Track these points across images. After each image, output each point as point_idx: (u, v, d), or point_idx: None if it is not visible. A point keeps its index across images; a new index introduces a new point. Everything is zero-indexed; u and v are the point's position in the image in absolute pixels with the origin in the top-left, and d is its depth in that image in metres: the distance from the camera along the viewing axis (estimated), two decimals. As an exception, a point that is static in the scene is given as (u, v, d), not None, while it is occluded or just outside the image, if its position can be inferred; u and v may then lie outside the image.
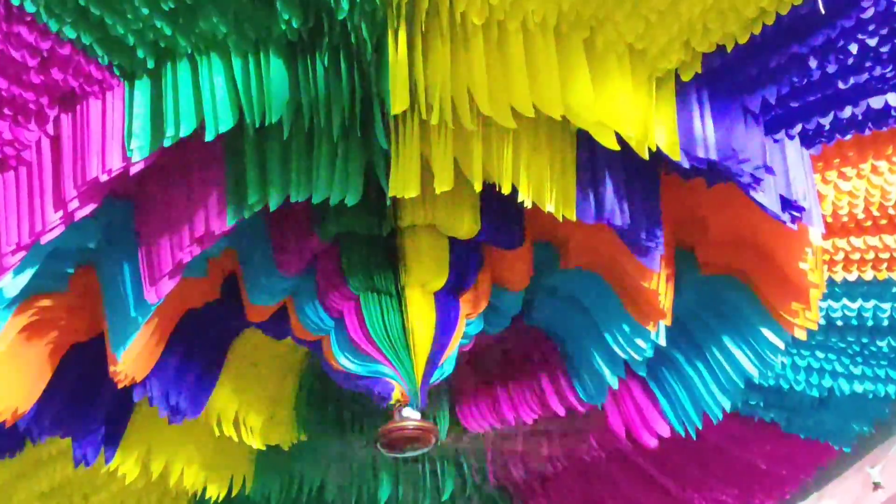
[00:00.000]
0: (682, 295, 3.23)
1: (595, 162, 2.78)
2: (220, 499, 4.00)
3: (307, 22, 2.54)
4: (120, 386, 3.08)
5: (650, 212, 2.89)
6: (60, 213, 2.61)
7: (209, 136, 2.57)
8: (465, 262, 3.09)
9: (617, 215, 2.80)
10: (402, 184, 2.71)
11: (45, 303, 2.97)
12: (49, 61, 2.51)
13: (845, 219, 3.29)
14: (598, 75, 2.60)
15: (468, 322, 3.17)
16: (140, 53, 2.54)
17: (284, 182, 2.70)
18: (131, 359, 2.98)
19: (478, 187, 2.73)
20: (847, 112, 2.85)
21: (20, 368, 3.03)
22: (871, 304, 3.52)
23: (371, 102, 2.64)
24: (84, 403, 3.41)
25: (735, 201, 2.90)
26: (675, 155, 2.66)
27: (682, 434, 3.72)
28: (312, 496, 4.34)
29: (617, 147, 2.63)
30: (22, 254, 2.62)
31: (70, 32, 2.47)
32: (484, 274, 3.18)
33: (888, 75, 2.77)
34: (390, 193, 2.74)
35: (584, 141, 2.73)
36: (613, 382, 3.47)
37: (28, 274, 2.69)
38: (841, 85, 2.76)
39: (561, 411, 3.68)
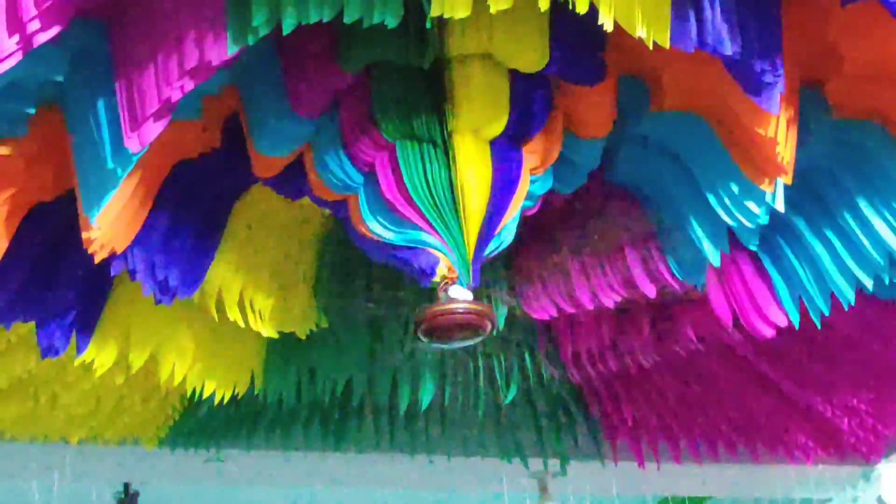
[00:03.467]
0: (808, 146, 3.21)
1: (697, -26, 2.76)
2: (223, 400, 4.07)
3: None
4: (97, 259, 3.11)
5: (768, 38, 2.87)
6: (17, 38, 2.61)
7: (204, -61, 2.57)
8: (529, 101, 3.09)
9: (725, 41, 2.77)
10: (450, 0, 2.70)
11: (1, 151, 2.99)
12: None
13: None
14: None
15: (533, 178, 3.18)
16: None
17: None
18: (108, 223, 3.00)
19: (544, 5, 2.69)
20: None
21: (-30, 235, 3.08)
22: None
23: None
24: (49, 279, 3.47)
25: (877, 24, 2.88)
26: (803, -36, 2.64)
27: (807, 320, 3.73)
28: (335, 398, 4.41)
29: (725, -48, 2.61)
30: (-30, 89, 2.64)
31: None
32: (554, 117, 3.17)
33: None
34: (434, 13, 2.71)
35: (684, -54, 2.71)
36: (715, 258, 3.47)
37: (-22, 115, 2.72)
38: None
39: (651, 292, 3.71)
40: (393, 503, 5.77)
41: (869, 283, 3.56)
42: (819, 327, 3.74)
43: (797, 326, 3.71)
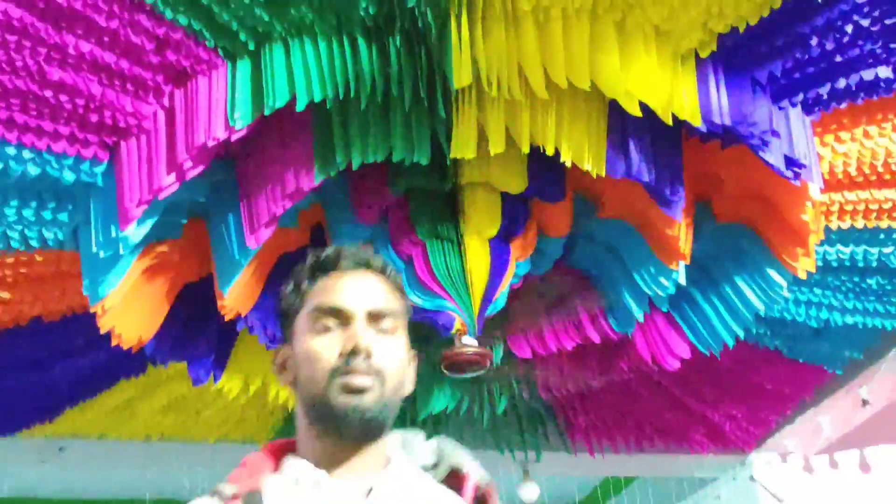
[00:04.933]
0: (700, 240, 3.20)
1: (625, 127, 2.77)
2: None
3: (381, 9, 2.55)
4: (226, 318, 3.11)
5: (673, 169, 2.88)
6: (174, 174, 2.64)
7: (300, 107, 2.59)
8: (514, 213, 3.10)
9: (644, 172, 2.80)
10: (462, 146, 2.73)
11: (163, 248, 3.00)
12: (164, 44, 2.54)
13: (840, 176, 3.26)
14: (628, 52, 2.60)
15: (518, 264, 3.18)
16: (242, 37, 2.56)
17: (364, 145, 2.70)
18: (235, 295, 3.01)
19: (525, 150, 2.74)
20: (842, 83, 2.84)
21: (143, 303, 3.09)
22: (861, 248, 3.51)
23: (435, 77, 2.65)
24: (196, 332, 3.47)
25: (746, 160, 2.89)
26: (696, 121, 2.66)
27: (701, 356, 3.71)
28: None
29: (639, 113, 2.63)
30: (143, 207, 2.66)
31: (182, 19, 2.50)
32: (531, 223, 3.18)
33: (878, 51, 2.76)
34: (451, 155, 2.75)
35: (616, 109, 2.72)
36: (640, 316, 3.46)
37: (148, 224, 2.73)
38: (837, 59, 2.75)
39: (596, 339, 3.68)
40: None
41: (741, 333, 3.56)
42: (713, 359, 3.75)
43: (706, 355, 3.71)
